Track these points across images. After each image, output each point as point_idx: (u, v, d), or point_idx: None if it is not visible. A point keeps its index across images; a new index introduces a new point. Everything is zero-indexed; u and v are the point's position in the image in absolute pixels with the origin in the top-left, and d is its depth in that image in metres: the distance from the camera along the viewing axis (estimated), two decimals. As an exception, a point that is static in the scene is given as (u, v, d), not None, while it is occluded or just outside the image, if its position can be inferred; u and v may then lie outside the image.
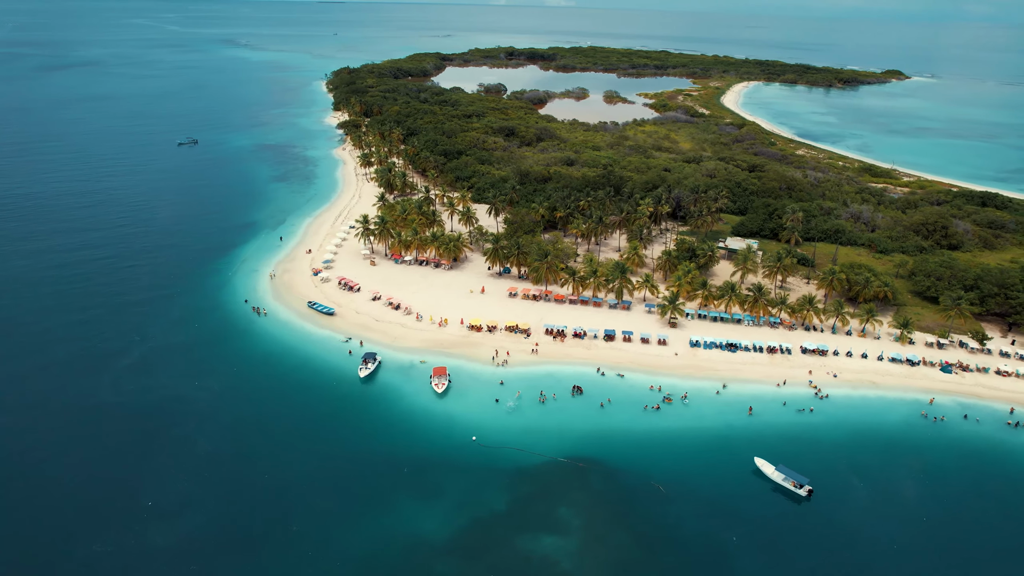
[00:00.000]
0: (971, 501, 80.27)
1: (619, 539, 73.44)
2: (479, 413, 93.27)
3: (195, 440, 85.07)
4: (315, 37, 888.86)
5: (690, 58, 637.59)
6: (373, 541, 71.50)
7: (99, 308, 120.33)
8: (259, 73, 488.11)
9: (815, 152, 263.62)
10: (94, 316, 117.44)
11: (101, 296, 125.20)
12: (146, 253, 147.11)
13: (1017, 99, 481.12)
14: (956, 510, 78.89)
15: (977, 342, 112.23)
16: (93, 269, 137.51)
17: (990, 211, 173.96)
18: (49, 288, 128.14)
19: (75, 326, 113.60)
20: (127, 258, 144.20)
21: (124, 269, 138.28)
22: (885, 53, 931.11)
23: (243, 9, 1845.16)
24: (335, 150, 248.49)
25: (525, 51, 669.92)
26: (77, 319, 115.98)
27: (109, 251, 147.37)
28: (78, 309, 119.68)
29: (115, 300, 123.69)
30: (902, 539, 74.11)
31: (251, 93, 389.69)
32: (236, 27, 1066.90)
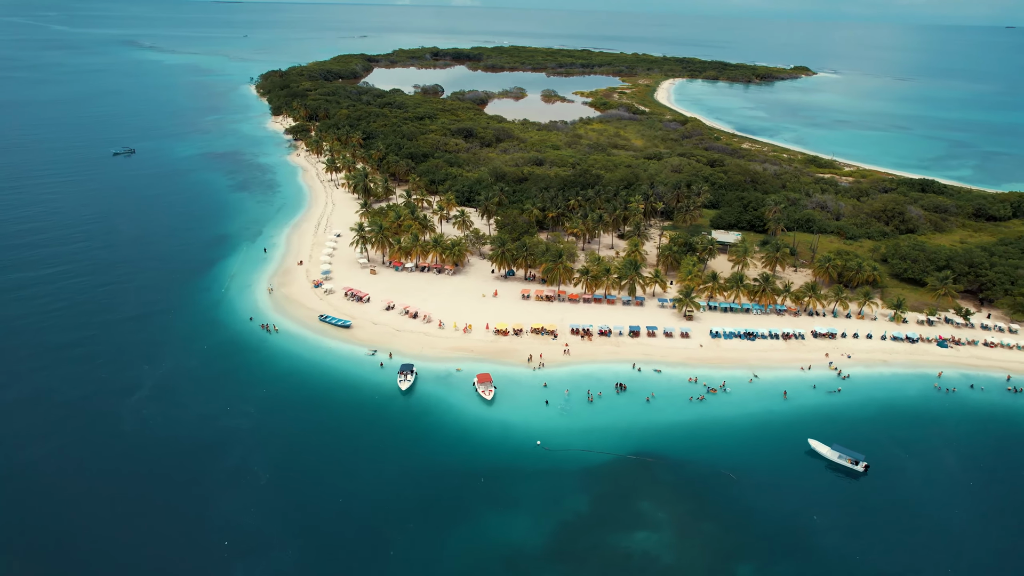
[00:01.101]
0: (1001, 463, 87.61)
1: (707, 528, 75.51)
2: (532, 417, 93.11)
3: (252, 470, 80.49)
4: (225, 39, 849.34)
5: (613, 56, 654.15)
6: (473, 556, 70.30)
7: (91, 335, 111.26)
8: (178, 77, 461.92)
9: (759, 146, 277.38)
10: (88, 343, 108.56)
11: (90, 323, 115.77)
12: (120, 273, 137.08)
13: (912, 93, 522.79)
14: (993, 472, 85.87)
15: (962, 318, 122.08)
16: (68, 295, 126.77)
17: (932, 197, 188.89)
18: (26, 317, 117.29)
19: (71, 355, 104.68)
20: (101, 279, 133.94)
21: (100, 289, 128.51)
22: (785, 50, 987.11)
23: (134, 8, 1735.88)
24: (289, 156, 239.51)
25: (449, 51, 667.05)
26: (71, 348, 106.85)
27: (78, 274, 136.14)
28: (68, 337, 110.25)
29: (104, 325, 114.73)
30: (958, 503, 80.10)
31: (176, 98, 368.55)
32: (133, 27, 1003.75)
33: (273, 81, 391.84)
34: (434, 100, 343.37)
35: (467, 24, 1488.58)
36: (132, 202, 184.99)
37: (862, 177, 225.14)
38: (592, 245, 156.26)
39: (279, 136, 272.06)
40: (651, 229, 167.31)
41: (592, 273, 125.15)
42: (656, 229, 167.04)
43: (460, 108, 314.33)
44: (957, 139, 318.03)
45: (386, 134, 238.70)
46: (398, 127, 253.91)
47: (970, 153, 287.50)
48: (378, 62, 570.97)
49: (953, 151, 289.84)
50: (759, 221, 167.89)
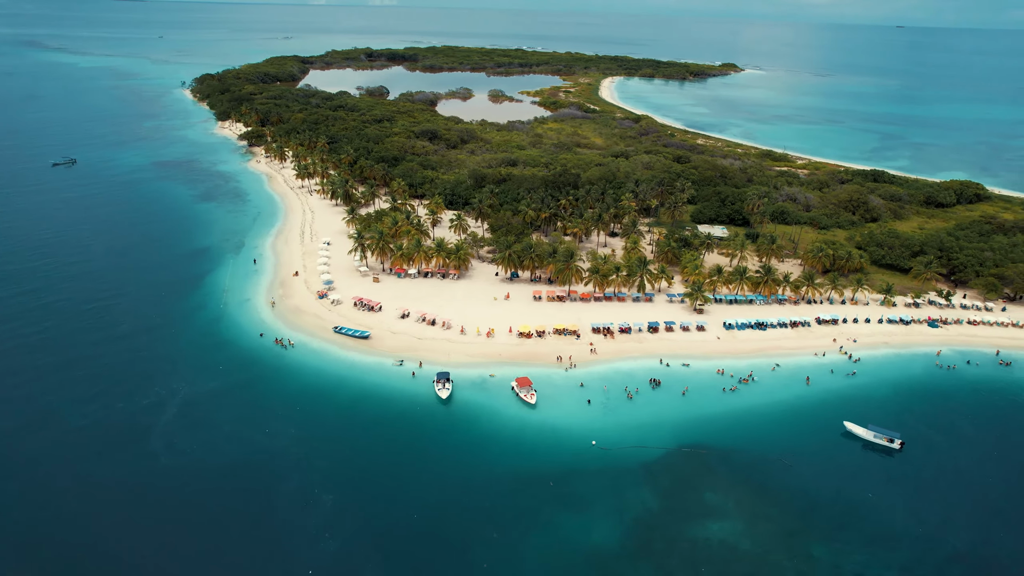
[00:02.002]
0: (1015, 430, 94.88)
1: (773, 513, 78.27)
2: (577, 417, 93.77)
3: (314, 493, 77.48)
4: (139, 40, 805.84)
5: (549, 55, 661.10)
6: (559, 560, 70.34)
7: (89, 356, 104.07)
8: (100, 81, 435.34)
9: (712, 141, 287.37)
10: (89, 364, 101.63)
11: (85, 343, 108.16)
12: (102, 290, 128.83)
13: (833, 88, 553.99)
14: (1011, 439, 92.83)
15: (944, 299, 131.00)
16: (53, 313, 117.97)
17: (887, 186, 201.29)
18: (14, 338, 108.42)
19: (74, 377, 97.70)
20: (83, 296, 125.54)
21: (86, 307, 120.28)
22: (707, 47, 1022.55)
23: (26, 6, 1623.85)
24: (248, 163, 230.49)
25: (383, 52, 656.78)
26: (72, 370, 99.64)
27: (57, 292, 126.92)
28: (65, 357, 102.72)
29: (102, 345, 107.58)
30: (990, 470, 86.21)
31: (105, 104, 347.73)
32: (31, 27, 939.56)
33: (210, 85, 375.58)
34: (387, 102, 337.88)
35: (388, 24, 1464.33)
36: (91, 215, 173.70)
37: (816, 169, 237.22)
38: (587, 244, 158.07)
39: (232, 143, 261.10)
40: (643, 226, 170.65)
41: (602, 272, 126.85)
42: (645, 226, 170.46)
43: (415, 110, 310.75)
44: (887, 132, 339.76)
45: (350, 138, 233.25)
46: (360, 130, 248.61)
47: (902, 144, 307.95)
48: (313, 64, 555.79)
49: (886, 143, 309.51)
50: (738, 215, 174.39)
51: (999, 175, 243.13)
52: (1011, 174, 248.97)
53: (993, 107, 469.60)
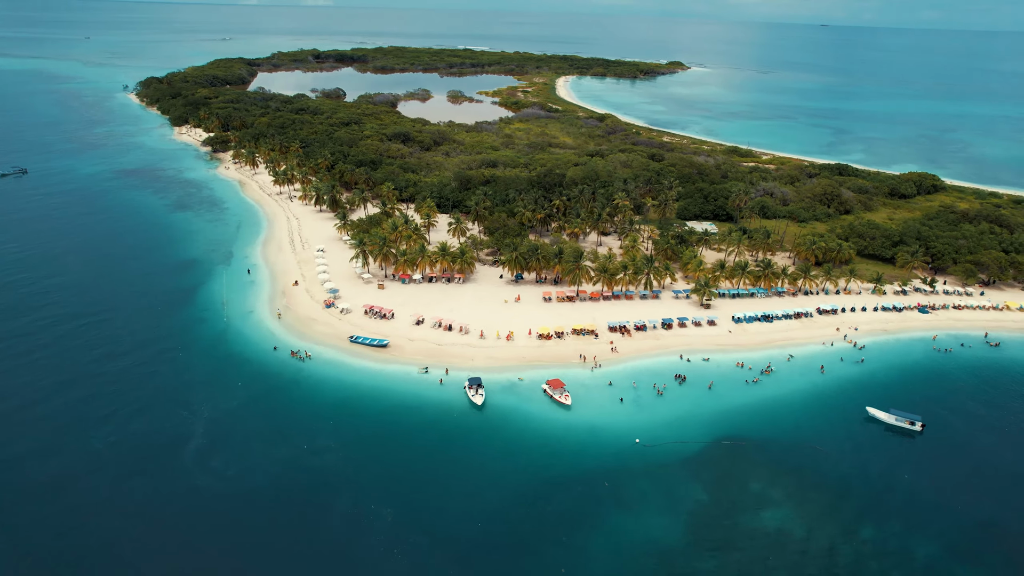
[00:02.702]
0: (1020, 406, 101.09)
1: (819, 499, 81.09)
2: (613, 416, 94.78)
3: (372, 509, 75.79)
4: (64, 41, 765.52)
5: (500, 55, 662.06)
6: (629, 558, 71.11)
7: (96, 378, 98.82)
8: (32, 85, 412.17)
9: (678, 139, 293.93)
10: (97, 387, 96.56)
11: (87, 363, 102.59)
12: (92, 306, 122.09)
13: (777, 85, 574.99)
14: (1019, 415, 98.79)
15: (928, 286, 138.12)
16: (46, 332, 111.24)
17: (854, 179, 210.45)
18: (9, 359, 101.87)
19: (83, 401, 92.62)
20: (73, 313, 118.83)
21: (78, 325, 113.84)
22: (649, 45, 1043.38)
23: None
24: (217, 170, 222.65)
25: (331, 53, 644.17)
26: (79, 393, 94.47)
27: (42, 308, 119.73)
28: (69, 380, 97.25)
29: (106, 365, 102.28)
30: (1007, 447, 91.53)
31: (44, 109, 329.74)
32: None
33: (157, 89, 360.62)
34: (349, 105, 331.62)
35: (325, 24, 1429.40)
36: (58, 228, 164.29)
37: (781, 164, 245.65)
38: (583, 244, 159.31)
39: (194, 149, 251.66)
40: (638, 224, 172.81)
41: (610, 271, 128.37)
42: (640, 224, 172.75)
43: (380, 112, 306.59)
44: (837, 126, 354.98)
45: (322, 142, 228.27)
46: (330, 134, 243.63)
47: (853, 139, 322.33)
48: (260, 66, 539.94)
49: (839, 137, 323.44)
50: (721, 211, 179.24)
51: (946, 167, 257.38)
52: (956, 165, 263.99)
53: (923, 102, 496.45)
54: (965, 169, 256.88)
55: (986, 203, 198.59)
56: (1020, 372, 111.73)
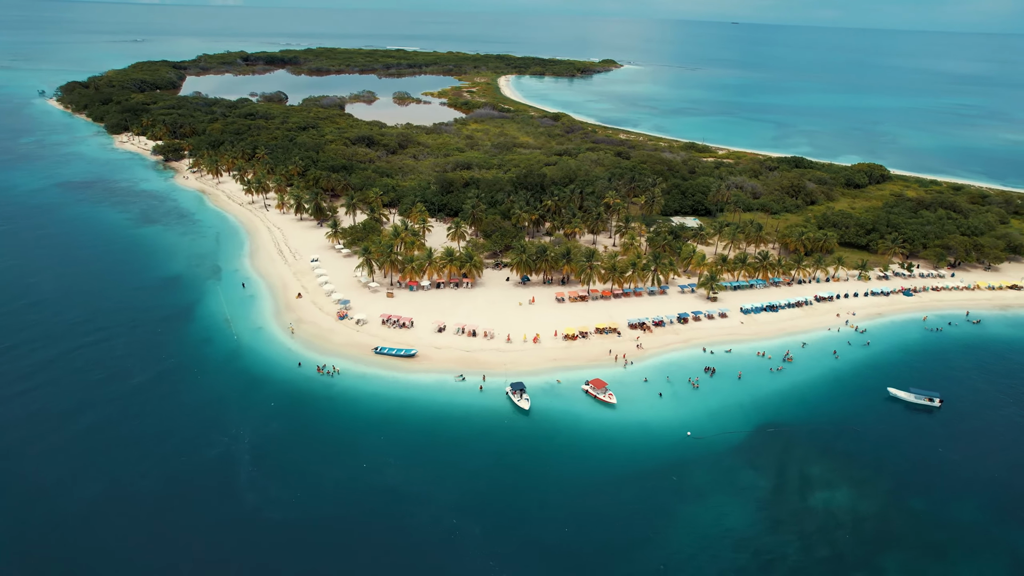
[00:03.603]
0: (1017, 376, 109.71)
1: (866, 476, 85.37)
2: (656, 411, 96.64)
3: (453, 524, 74.43)
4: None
5: (435, 56, 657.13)
6: (712, 548, 72.94)
7: (113, 405, 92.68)
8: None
9: (635, 136, 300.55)
10: (115, 415, 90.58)
11: (99, 391, 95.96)
12: (85, 331, 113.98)
13: (709, 81, 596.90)
14: (1018, 385, 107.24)
15: (907, 270, 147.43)
16: (42, 359, 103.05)
17: (814, 171, 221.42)
18: (12, 383, 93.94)
19: (117, 439, 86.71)
20: (64, 338, 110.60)
21: (75, 353, 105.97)
22: (575, 44, 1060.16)
23: None
24: (175, 180, 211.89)
25: (261, 55, 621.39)
26: (101, 423, 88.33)
27: (28, 332, 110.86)
28: (83, 408, 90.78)
29: (121, 393, 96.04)
30: (1020, 414, 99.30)
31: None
32: None
33: (83, 94, 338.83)
34: (301, 109, 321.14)
35: (240, 25, 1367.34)
36: (14, 248, 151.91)
37: (738, 159, 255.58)
38: (578, 243, 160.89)
39: (143, 158, 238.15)
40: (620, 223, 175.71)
41: (619, 268, 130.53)
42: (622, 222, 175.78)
43: (334, 116, 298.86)
44: (776, 120, 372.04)
45: (286, 148, 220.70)
46: (291, 139, 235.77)
47: (795, 132, 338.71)
48: (187, 69, 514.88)
49: (782, 132, 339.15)
50: (700, 206, 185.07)
51: (884, 157, 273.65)
52: (893, 155, 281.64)
53: (843, 96, 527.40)
54: (900, 159, 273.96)
55: (930, 190, 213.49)
56: (1003, 346, 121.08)
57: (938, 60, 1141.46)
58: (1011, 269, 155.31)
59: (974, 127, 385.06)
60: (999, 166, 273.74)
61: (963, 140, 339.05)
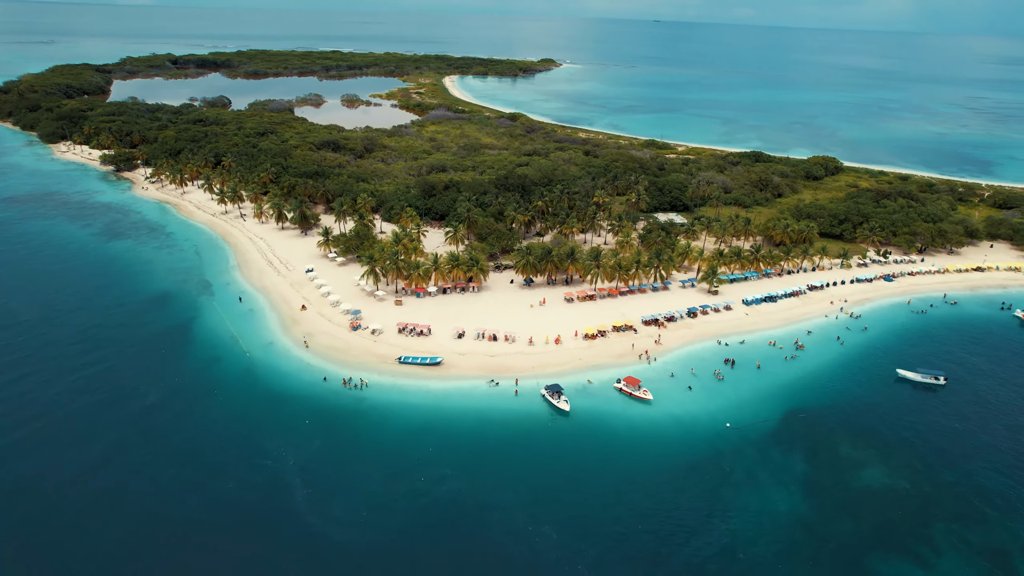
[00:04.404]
0: (1002, 350, 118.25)
1: (897, 454, 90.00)
2: (690, 404, 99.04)
3: (528, 531, 74.08)
4: None
5: (375, 57, 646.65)
6: (777, 532, 75.61)
7: (135, 432, 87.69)
8: None
9: (594, 134, 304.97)
10: (154, 450, 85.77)
11: (115, 414, 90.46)
12: (82, 354, 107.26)
13: (649, 78, 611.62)
14: (1004, 358, 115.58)
15: (883, 257, 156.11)
16: (47, 387, 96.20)
17: (776, 165, 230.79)
18: (28, 403, 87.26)
19: (152, 469, 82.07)
20: (61, 365, 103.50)
21: (73, 378, 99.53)
22: (507, 43, 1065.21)
23: None
24: (134, 191, 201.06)
25: (191, 58, 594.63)
26: (138, 458, 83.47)
27: (21, 358, 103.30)
28: (104, 434, 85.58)
29: (137, 418, 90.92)
30: (1016, 387, 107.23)
31: None
32: None
33: (6, 101, 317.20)
34: (252, 114, 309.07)
35: (153, 26, 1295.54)
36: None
37: (698, 154, 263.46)
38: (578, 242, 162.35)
39: (92, 169, 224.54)
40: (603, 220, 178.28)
41: (624, 266, 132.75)
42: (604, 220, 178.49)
43: (290, 120, 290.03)
44: (723, 117, 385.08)
45: (252, 155, 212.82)
46: (254, 145, 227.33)
47: (743, 127, 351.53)
48: (113, 73, 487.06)
49: (730, 127, 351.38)
50: (678, 201, 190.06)
51: (830, 150, 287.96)
52: (837, 148, 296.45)
53: (776, 92, 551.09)
54: (844, 152, 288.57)
55: (881, 180, 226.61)
56: (982, 325, 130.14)
57: (853, 57, 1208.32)
58: (971, 252, 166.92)
59: (900, 120, 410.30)
60: (932, 156, 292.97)
61: (894, 132, 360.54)
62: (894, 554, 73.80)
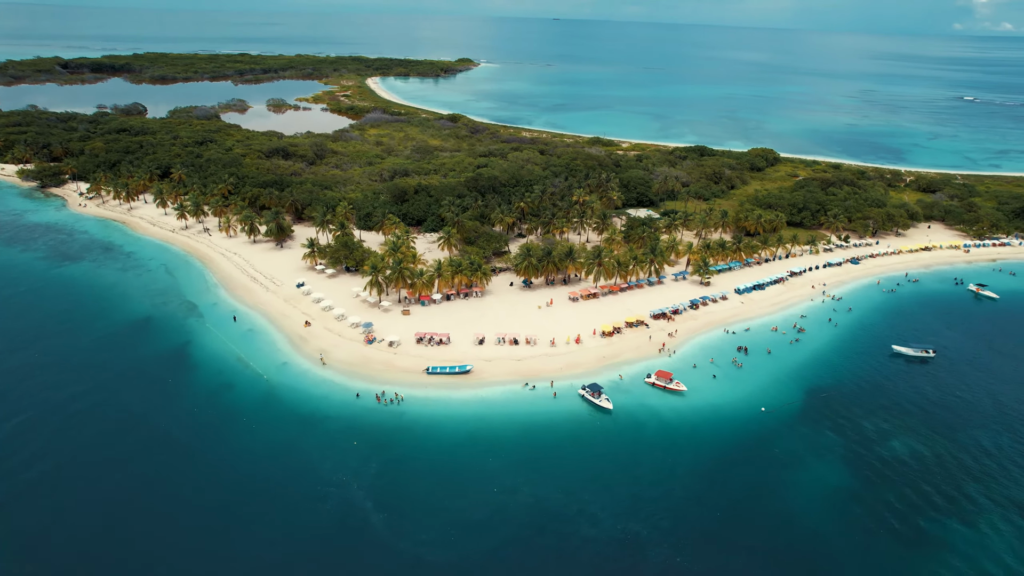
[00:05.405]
0: (973, 320, 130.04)
1: (914, 424, 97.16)
2: (720, 393, 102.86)
3: (619, 530, 75.14)
4: None
5: (288, 59, 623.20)
6: (831, 507, 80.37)
7: (187, 478, 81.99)
8: None
9: (538, 133, 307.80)
10: (204, 489, 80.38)
11: (143, 445, 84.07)
12: (75, 388, 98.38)
13: (570, 76, 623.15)
14: (975, 326, 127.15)
15: (844, 242, 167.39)
16: (62, 422, 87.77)
17: (722, 158, 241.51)
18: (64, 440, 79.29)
19: (209, 511, 76.92)
20: (60, 407, 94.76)
21: (89, 418, 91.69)
22: (418, 42, 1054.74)
23: None
24: (70, 208, 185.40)
25: (83, 62, 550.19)
26: (191, 497, 78.00)
27: (19, 409, 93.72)
28: (144, 465, 79.59)
29: (184, 464, 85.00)
30: (994, 351, 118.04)
31: None
32: None
33: None
34: (181, 122, 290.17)
35: (20, 26, 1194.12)
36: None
37: (642, 150, 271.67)
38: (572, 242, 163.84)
39: (9, 185, 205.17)
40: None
41: (623, 263, 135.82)
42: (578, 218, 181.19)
43: (226, 127, 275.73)
44: (653, 113, 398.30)
45: (201, 166, 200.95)
46: (197, 155, 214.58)
47: (675, 123, 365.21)
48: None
49: (663, 123, 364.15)
50: (644, 197, 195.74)
51: (762, 141, 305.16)
52: (767, 139, 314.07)
53: (691, 88, 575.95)
54: (774, 143, 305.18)
55: (817, 169, 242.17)
56: (944, 299, 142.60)
57: (748, 52, 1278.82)
58: (914, 234, 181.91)
59: (812, 112, 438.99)
60: (850, 146, 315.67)
61: (811, 124, 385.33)
62: (942, 516, 79.83)
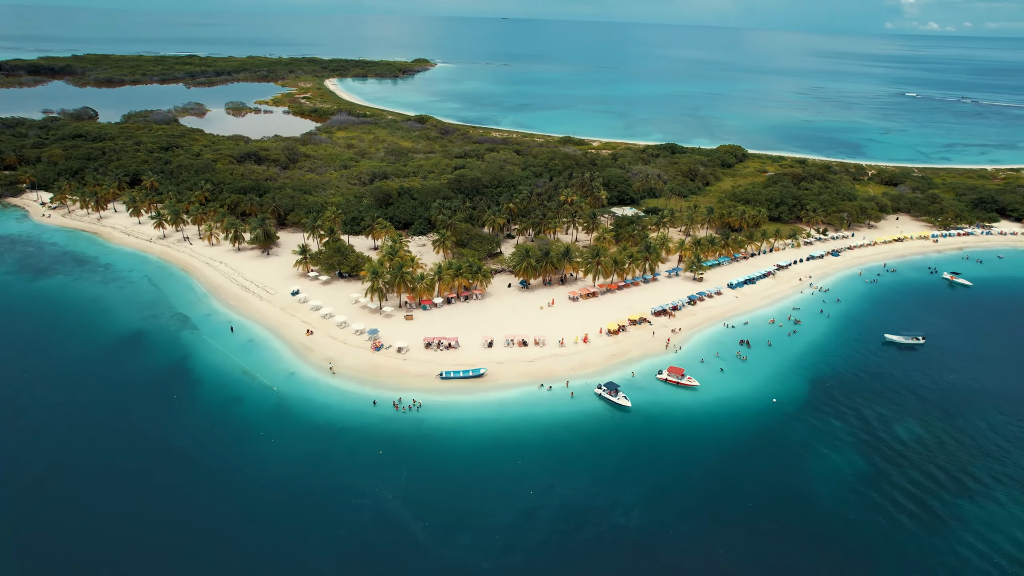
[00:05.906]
0: (955, 306, 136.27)
1: (919, 408, 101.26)
2: (730, 386, 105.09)
3: (670, 524, 76.40)
4: None
5: (241, 61, 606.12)
6: (851, 492, 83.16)
7: (219, 499, 79.47)
8: None
9: (508, 133, 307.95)
10: (239, 509, 78.08)
11: (170, 466, 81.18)
12: (81, 404, 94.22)
13: (530, 75, 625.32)
14: (958, 312, 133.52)
15: (822, 235, 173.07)
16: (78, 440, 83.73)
17: (695, 155, 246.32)
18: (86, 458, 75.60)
19: (254, 540, 74.76)
20: (62, 415, 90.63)
21: (101, 437, 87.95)
22: (367, 42, 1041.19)
23: None
24: (31, 218, 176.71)
25: (17, 63, 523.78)
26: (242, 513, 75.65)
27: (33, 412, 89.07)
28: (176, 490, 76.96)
29: (216, 486, 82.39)
30: (977, 335, 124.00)
31: None
32: None
33: None
34: (141, 127, 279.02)
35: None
36: None
37: (613, 149, 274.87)
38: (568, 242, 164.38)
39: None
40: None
41: (619, 262, 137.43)
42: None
43: (191, 132, 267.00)
44: (616, 111, 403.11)
45: (172, 172, 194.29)
46: (165, 161, 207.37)
47: (638, 121, 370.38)
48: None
49: (627, 121, 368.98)
50: (625, 195, 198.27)
51: (726, 138, 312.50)
52: (731, 136, 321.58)
53: (649, 86, 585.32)
54: (738, 139, 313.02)
55: (784, 164, 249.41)
56: (923, 288, 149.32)
57: (698, 50, 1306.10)
58: (885, 225, 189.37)
59: (767, 108, 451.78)
60: (810, 141, 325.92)
61: (769, 120, 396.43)
62: (954, 495, 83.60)
